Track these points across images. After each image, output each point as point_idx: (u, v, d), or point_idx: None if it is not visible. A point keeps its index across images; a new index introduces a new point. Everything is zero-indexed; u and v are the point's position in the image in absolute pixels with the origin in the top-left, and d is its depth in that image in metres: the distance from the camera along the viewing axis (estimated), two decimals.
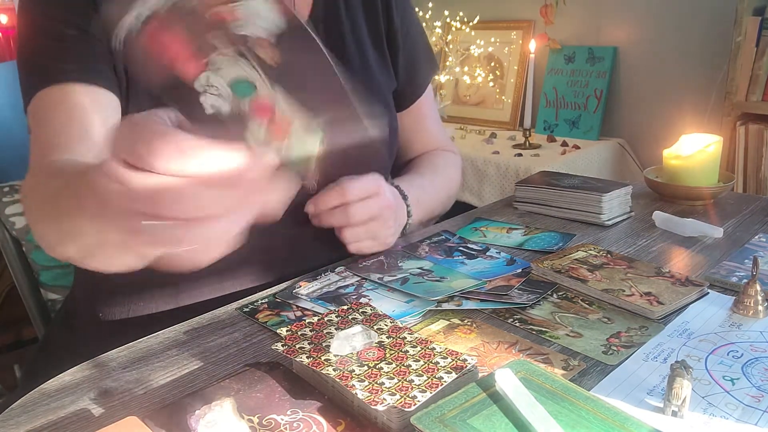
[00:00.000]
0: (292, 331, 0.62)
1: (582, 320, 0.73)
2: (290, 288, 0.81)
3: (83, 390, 0.62)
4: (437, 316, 0.74)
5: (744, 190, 2.12)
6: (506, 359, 0.65)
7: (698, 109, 2.28)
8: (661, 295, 0.76)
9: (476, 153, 2.29)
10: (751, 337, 0.69)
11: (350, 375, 0.55)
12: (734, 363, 0.64)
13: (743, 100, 2.07)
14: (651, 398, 0.59)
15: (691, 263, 0.90)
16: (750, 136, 2.09)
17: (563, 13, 2.57)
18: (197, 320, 0.75)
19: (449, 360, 0.57)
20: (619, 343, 0.68)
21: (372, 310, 0.67)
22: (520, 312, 0.75)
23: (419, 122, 1.09)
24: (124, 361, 0.67)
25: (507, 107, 2.69)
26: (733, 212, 1.09)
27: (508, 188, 2.18)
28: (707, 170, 1.14)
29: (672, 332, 0.70)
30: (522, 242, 0.96)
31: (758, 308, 0.73)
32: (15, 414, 0.58)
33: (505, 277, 0.83)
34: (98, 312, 0.86)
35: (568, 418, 0.51)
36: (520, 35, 2.67)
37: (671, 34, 2.32)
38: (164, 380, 0.63)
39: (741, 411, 0.57)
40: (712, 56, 2.23)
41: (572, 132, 2.51)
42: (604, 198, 1.04)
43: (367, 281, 0.82)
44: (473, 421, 0.51)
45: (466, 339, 0.69)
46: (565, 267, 0.84)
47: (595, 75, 2.48)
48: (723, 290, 0.80)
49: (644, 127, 2.44)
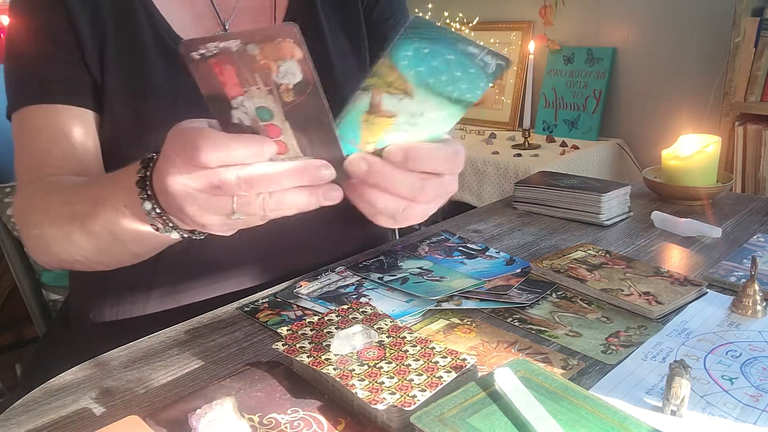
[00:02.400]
0: (292, 331, 0.63)
1: (581, 320, 0.73)
2: (291, 287, 0.81)
3: (84, 389, 0.62)
4: (437, 316, 0.74)
5: (742, 190, 2.12)
6: (506, 358, 0.65)
7: (697, 109, 2.29)
8: (659, 295, 0.77)
9: (476, 153, 2.29)
10: (750, 336, 0.69)
11: (350, 374, 0.55)
12: (733, 362, 0.64)
13: (742, 101, 2.07)
14: (650, 397, 0.59)
15: (690, 263, 0.90)
16: (748, 137, 2.09)
17: (562, 14, 2.57)
18: (198, 320, 0.75)
19: (449, 359, 0.58)
20: (618, 343, 0.68)
21: (372, 310, 0.67)
22: (519, 311, 0.75)
23: None
24: (125, 360, 0.67)
25: (506, 108, 2.70)
26: (731, 212, 1.10)
27: (507, 188, 2.18)
28: (706, 170, 1.15)
29: (671, 332, 0.70)
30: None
31: (757, 308, 0.73)
32: (16, 413, 0.58)
33: (504, 276, 0.83)
34: (90, 313, 0.86)
35: (567, 417, 0.51)
36: (519, 36, 2.67)
37: (670, 34, 2.33)
38: (165, 379, 0.63)
39: (740, 410, 0.57)
40: (711, 57, 2.23)
41: (571, 132, 2.52)
42: (603, 198, 1.04)
43: (367, 281, 0.82)
44: (473, 420, 0.51)
45: (466, 338, 0.70)
46: (564, 267, 0.84)
47: (594, 75, 2.48)
48: (721, 290, 0.80)
49: (643, 127, 2.44)
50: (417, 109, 0.50)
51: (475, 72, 0.48)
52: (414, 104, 0.50)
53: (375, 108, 0.50)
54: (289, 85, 0.47)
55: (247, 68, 0.46)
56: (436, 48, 0.47)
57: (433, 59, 0.48)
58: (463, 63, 0.48)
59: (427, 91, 0.49)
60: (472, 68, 0.48)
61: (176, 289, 0.84)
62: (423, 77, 0.49)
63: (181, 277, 0.83)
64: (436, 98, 0.50)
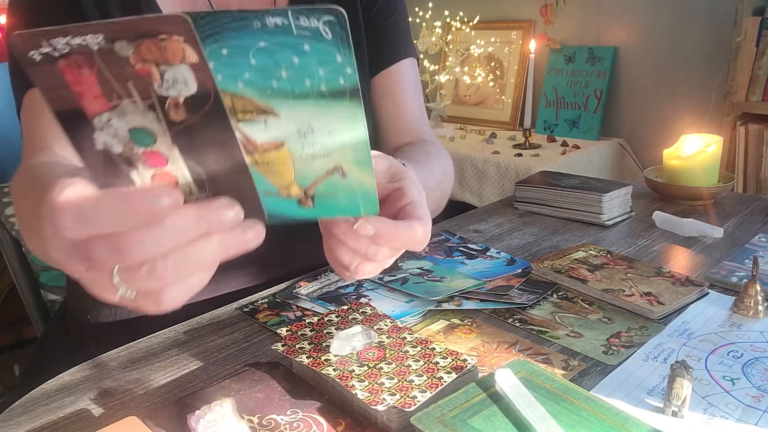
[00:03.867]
0: (292, 331, 0.62)
1: (582, 320, 0.73)
2: (290, 288, 0.81)
3: (83, 390, 0.62)
4: (437, 316, 0.74)
5: (744, 190, 2.12)
6: (506, 359, 0.65)
7: (698, 109, 2.28)
8: (661, 295, 0.76)
9: (476, 153, 2.29)
10: (751, 337, 0.69)
11: (350, 375, 0.55)
12: (734, 363, 0.64)
13: (743, 100, 2.07)
14: (651, 398, 0.59)
15: (691, 263, 0.90)
16: (750, 136, 2.08)
17: (563, 13, 2.57)
18: (197, 320, 0.75)
19: (449, 360, 0.57)
20: (619, 343, 0.68)
21: (372, 310, 0.67)
22: (520, 312, 0.75)
23: (393, 109, 1.00)
24: (124, 361, 0.67)
25: (507, 107, 2.69)
26: (733, 212, 1.09)
27: (508, 188, 2.18)
28: (707, 170, 1.14)
29: (672, 332, 0.70)
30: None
31: (758, 308, 0.73)
32: (15, 414, 0.58)
33: (505, 277, 0.83)
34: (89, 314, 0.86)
35: (568, 418, 0.51)
36: (520, 35, 2.67)
37: (671, 34, 2.32)
38: (164, 380, 0.63)
39: (741, 411, 0.57)
40: (712, 56, 2.23)
41: (572, 132, 2.51)
42: (604, 198, 1.04)
43: (367, 281, 0.82)
44: (473, 421, 0.51)
45: (466, 339, 0.69)
46: (565, 267, 0.84)
47: (595, 75, 2.48)
48: (723, 290, 0.80)
49: (644, 127, 2.44)
50: (296, 124, 0.39)
51: (313, 48, 0.35)
52: (286, 120, 0.38)
53: (251, 145, 0.39)
54: (178, 98, 0.35)
55: (115, 75, 0.34)
56: (238, 42, 0.35)
57: (245, 57, 0.35)
58: (285, 44, 0.35)
59: (284, 98, 0.37)
60: (303, 45, 0.35)
61: None
62: (258, 85, 0.37)
63: None
64: (305, 102, 0.38)
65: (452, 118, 2.79)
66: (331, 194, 0.43)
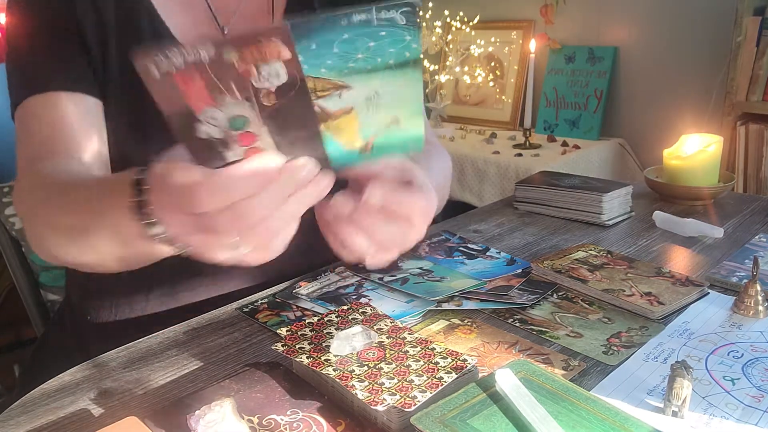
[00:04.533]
0: (292, 332, 0.62)
1: (582, 320, 0.73)
2: (290, 288, 0.81)
3: (83, 390, 0.62)
4: (437, 317, 0.74)
5: (744, 190, 2.12)
6: (506, 359, 0.65)
7: (698, 109, 2.28)
8: (661, 296, 0.76)
9: (476, 153, 2.29)
10: (752, 337, 0.69)
11: (350, 375, 0.55)
12: (734, 363, 0.64)
13: (743, 100, 2.07)
14: (651, 398, 0.59)
15: (692, 263, 0.90)
16: (750, 136, 2.08)
17: (563, 13, 2.57)
18: (197, 320, 0.75)
19: (449, 360, 0.57)
20: (620, 344, 0.68)
21: (372, 310, 0.67)
22: (520, 312, 0.75)
23: None
24: (123, 361, 0.67)
25: (507, 107, 2.69)
26: (733, 212, 1.09)
27: (508, 188, 2.18)
28: (707, 170, 1.14)
29: (672, 332, 0.70)
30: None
31: (758, 308, 0.73)
32: (15, 414, 0.58)
33: (505, 277, 0.83)
34: (89, 314, 0.86)
35: (568, 418, 0.51)
36: (520, 35, 2.67)
37: (671, 34, 2.32)
38: (164, 380, 0.63)
39: (741, 411, 0.57)
40: (713, 56, 2.22)
41: (572, 132, 2.51)
42: (604, 198, 1.04)
43: (367, 281, 0.82)
44: (473, 421, 0.51)
45: (466, 339, 0.69)
46: (565, 267, 0.84)
47: (596, 75, 2.48)
48: (723, 290, 0.80)
49: (644, 126, 2.44)
50: (366, 92, 0.46)
51: (388, 32, 0.43)
52: (358, 90, 0.46)
53: (325, 114, 0.46)
54: (271, 87, 0.42)
55: (222, 78, 0.41)
56: (325, 38, 0.42)
57: (330, 49, 0.43)
58: (365, 33, 0.42)
59: (357, 73, 0.45)
60: (380, 32, 0.43)
61: (175, 289, 0.83)
62: (338, 68, 0.44)
63: (181, 278, 0.83)
64: (375, 74, 0.45)
65: (452, 118, 2.78)
66: (387, 141, 0.50)
